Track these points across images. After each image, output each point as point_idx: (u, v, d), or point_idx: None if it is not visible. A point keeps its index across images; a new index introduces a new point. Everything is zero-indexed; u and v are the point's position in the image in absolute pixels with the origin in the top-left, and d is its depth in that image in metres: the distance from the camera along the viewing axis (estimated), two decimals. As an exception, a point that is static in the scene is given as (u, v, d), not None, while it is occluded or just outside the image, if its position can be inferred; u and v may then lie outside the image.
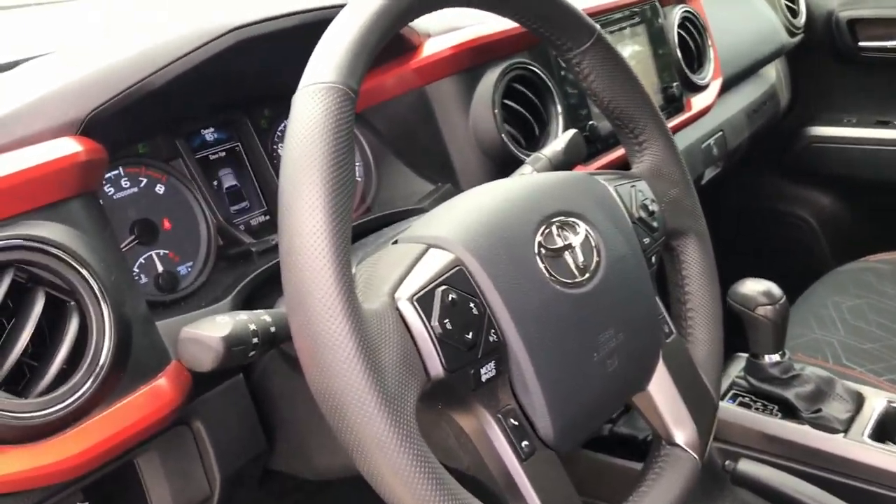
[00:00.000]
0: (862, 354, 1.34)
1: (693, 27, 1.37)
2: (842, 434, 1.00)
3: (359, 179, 1.03)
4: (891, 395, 1.08)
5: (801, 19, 1.80)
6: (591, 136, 1.10)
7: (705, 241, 0.85)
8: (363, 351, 0.47)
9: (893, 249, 1.63)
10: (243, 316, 0.55)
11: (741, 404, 1.08)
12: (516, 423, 0.58)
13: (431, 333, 0.54)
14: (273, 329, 0.55)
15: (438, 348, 0.54)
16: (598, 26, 0.79)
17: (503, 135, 0.98)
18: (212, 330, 0.53)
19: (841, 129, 1.91)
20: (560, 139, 0.91)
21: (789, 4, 1.77)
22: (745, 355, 1.11)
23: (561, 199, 0.69)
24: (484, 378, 0.57)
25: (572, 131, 0.92)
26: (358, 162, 1.04)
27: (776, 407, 1.06)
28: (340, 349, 0.47)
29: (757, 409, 1.07)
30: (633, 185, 0.80)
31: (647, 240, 0.77)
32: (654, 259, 0.79)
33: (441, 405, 0.58)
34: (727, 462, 1.03)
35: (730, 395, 1.09)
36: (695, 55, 1.37)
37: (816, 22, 1.86)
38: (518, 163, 0.96)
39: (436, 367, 0.54)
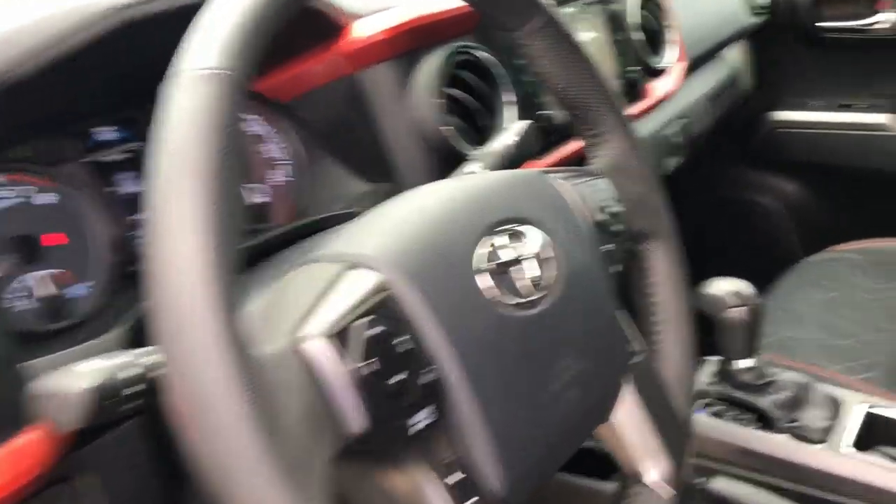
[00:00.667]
0: (836, 353, 1.28)
1: (654, 9, 1.29)
2: (821, 445, 0.94)
3: (290, 180, 0.93)
4: (869, 399, 1.01)
5: (766, -1, 1.73)
6: (547, 127, 1.01)
7: (674, 244, 0.76)
8: (253, 409, 0.37)
9: (862, 237, 1.57)
10: (117, 359, 0.44)
11: (714, 414, 1.00)
12: (459, 477, 0.48)
13: (350, 378, 0.44)
14: (153, 375, 0.45)
15: (360, 396, 0.44)
16: (548, 2, 0.69)
17: (446, 127, 0.88)
18: (70, 382, 0.42)
19: (805, 113, 1.84)
20: (511, 131, 0.82)
21: (752, -17, 1.69)
22: (716, 359, 1.03)
23: (509, 204, 0.59)
24: (418, 427, 0.47)
25: (524, 122, 0.82)
26: (288, 160, 0.93)
27: (751, 416, 0.98)
28: (223, 409, 0.36)
29: (730, 418, 0.99)
30: (592, 184, 0.71)
31: (609, 246, 0.68)
32: (617, 267, 0.70)
33: (364, 464, 0.48)
34: (698, 480, 0.95)
35: (701, 404, 1.02)
36: (655, 38, 1.29)
37: (780, 3, 1.79)
38: (461, 158, 0.87)
39: (356, 419, 0.44)
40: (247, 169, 0.89)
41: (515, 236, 0.57)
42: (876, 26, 1.73)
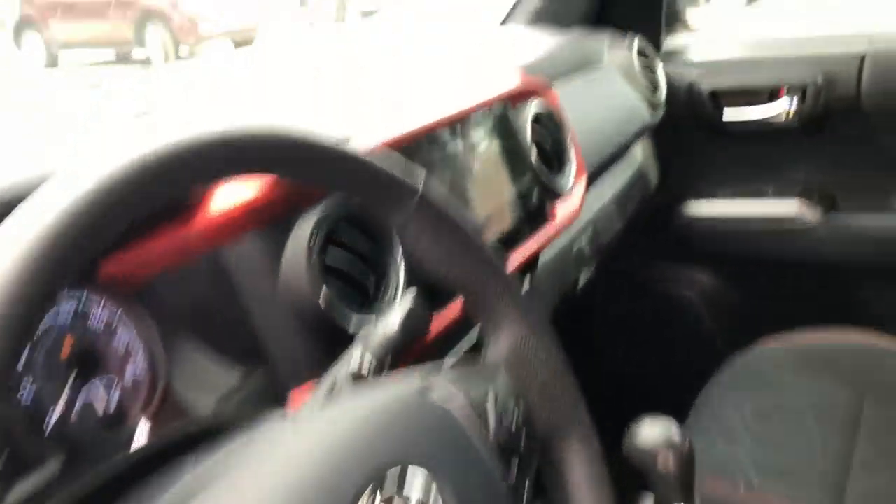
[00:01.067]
0: (774, 471, 1.21)
1: (550, 123, 1.21)
2: None
3: (147, 372, 0.79)
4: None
5: (662, 94, 1.68)
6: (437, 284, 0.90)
7: (590, 440, 0.66)
8: None
9: (786, 329, 1.51)
10: None
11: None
12: None
13: None
14: None
15: None
16: (420, 184, 0.60)
17: (324, 299, 0.77)
18: None
19: (714, 205, 1.80)
20: (396, 311, 0.71)
21: (648, 80, 1.65)
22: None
23: (385, 449, 0.49)
24: None
25: (410, 298, 0.71)
26: (144, 350, 0.79)
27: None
28: None
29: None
30: (490, 386, 0.61)
31: (515, 467, 0.58)
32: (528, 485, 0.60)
33: None
34: None
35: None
36: (553, 156, 1.21)
37: (678, 95, 1.75)
38: (345, 335, 0.75)
39: None
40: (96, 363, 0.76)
41: (403, 488, 0.46)
42: (777, 115, 1.71)
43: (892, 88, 1.63)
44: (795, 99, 1.68)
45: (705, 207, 1.81)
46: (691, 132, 1.82)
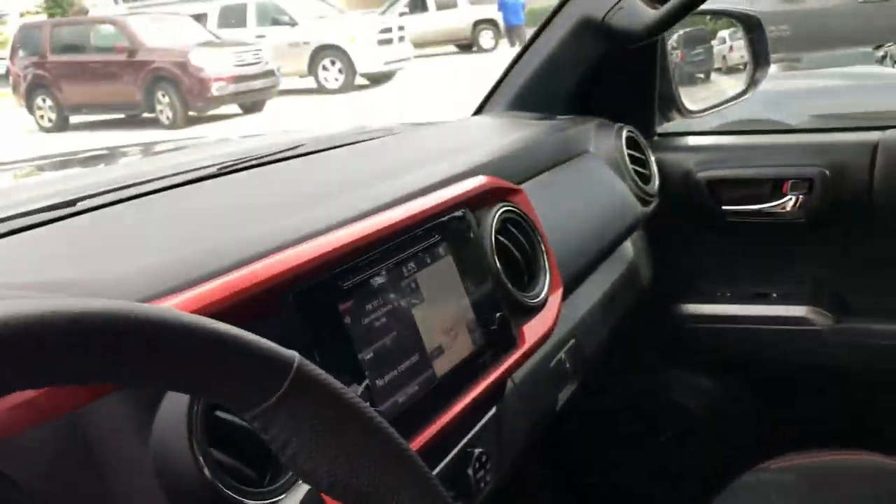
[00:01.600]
0: None
1: (518, 230, 1.06)
2: None
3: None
4: None
5: (654, 185, 1.54)
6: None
7: None
8: None
9: (793, 449, 1.33)
10: None
11: None
12: None
13: None
14: None
15: None
16: (295, 353, 0.45)
17: (211, 474, 0.61)
18: None
19: (715, 306, 1.64)
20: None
21: (638, 169, 1.50)
22: None
23: None
24: None
25: (302, 491, 0.56)
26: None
27: None
28: None
29: None
30: None
31: None
32: None
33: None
34: None
35: None
36: (523, 266, 1.05)
37: (672, 185, 1.61)
38: None
39: None
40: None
41: None
42: (783, 208, 1.56)
43: None
44: (801, 192, 1.53)
45: (704, 308, 1.64)
46: (688, 225, 1.67)
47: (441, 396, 0.85)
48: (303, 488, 0.62)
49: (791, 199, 1.54)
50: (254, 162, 1.19)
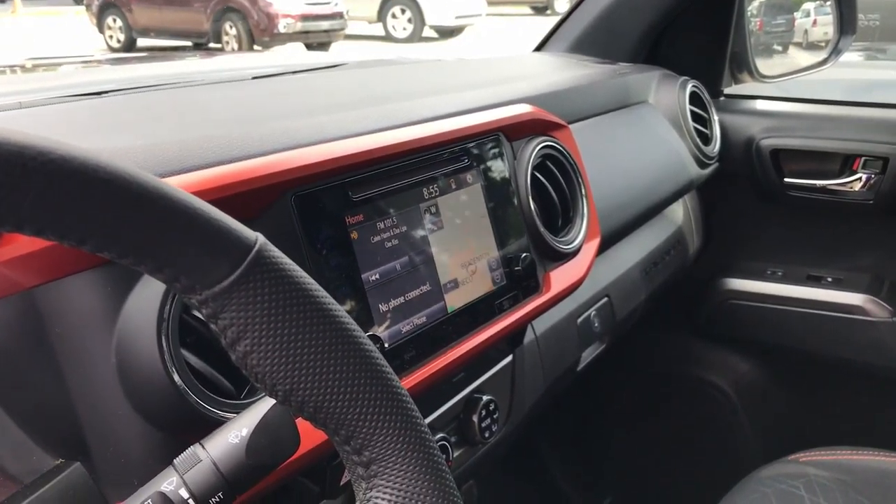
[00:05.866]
0: None
1: (559, 169, 0.98)
2: None
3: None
4: None
5: (715, 147, 1.43)
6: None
7: None
8: None
9: (827, 443, 1.25)
10: None
11: None
12: None
13: None
14: None
15: None
16: (258, 234, 0.38)
17: (179, 376, 0.55)
18: None
19: (764, 283, 1.53)
20: (239, 420, 0.48)
21: (699, 128, 1.40)
22: None
23: None
24: None
25: (266, 404, 0.49)
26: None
27: None
28: None
29: None
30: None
31: None
32: None
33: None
34: None
35: None
36: (559, 209, 0.97)
37: (734, 150, 1.50)
38: (205, 422, 0.54)
39: None
40: None
41: None
42: (851, 187, 1.44)
43: None
44: (874, 171, 1.41)
45: (751, 285, 1.54)
46: (745, 194, 1.56)
47: (451, 332, 0.78)
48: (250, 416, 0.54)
49: (861, 177, 1.42)
50: (291, 70, 1.13)
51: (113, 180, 0.34)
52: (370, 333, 0.69)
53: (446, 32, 14.55)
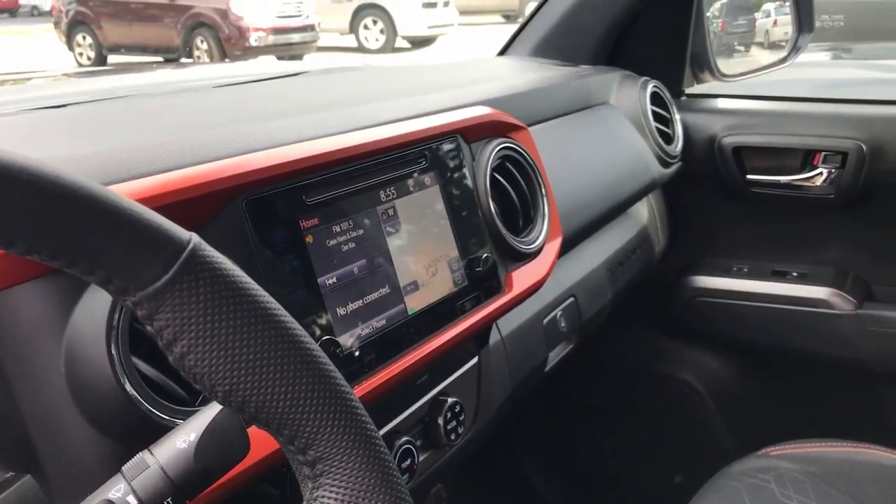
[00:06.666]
0: None
1: (518, 170, 0.98)
2: None
3: None
4: None
5: (677, 146, 1.45)
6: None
7: None
8: None
9: (798, 436, 1.26)
10: None
11: None
12: None
13: None
14: None
15: None
16: (192, 234, 0.38)
17: (130, 385, 0.55)
18: None
19: (730, 280, 1.54)
20: (188, 425, 0.48)
21: (661, 128, 1.41)
22: None
23: None
24: None
25: (216, 408, 0.49)
26: None
27: None
28: None
29: None
30: None
31: None
32: None
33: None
34: None
35: None
36: (520, 209, 0.98)
37: (696, 149, 1.51)
38: (158, 430, 0.52)
39: None
40: None
41: None
42: (813, 182, 1.46)
43: None
44: (833, 166, 1.43)
45: (718, 282, 1.55)
46: (709, 192, 1.57)
47: (411, 334, 0.78)
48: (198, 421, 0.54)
49: (822, 172, 1.44)
50: (252, 79, 1.13)
51: (38, 181, 0.34)
52: (328, 337, 0.69)
53: (419, 42, 14.59)
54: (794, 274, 1.51)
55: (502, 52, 1.53)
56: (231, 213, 0.64)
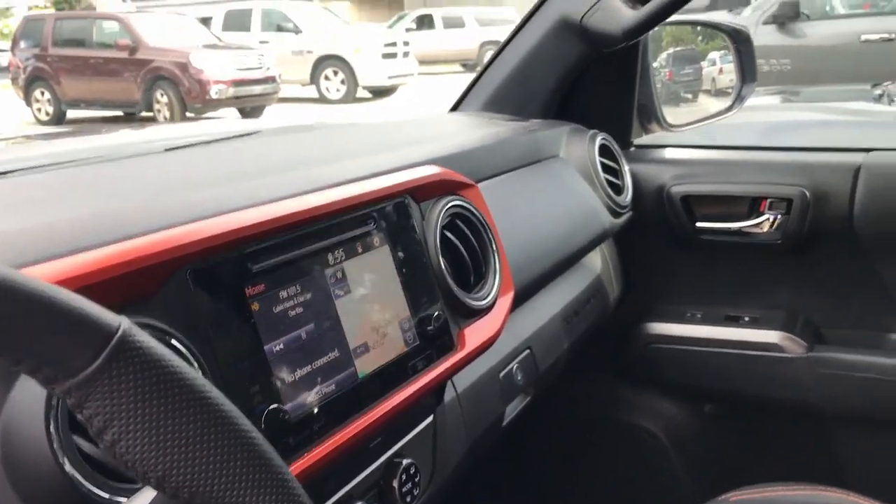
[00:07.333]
0: None
1: (469, 227, 0.99)
2: None
3: None
4: None
5: (627, 196, 1.47)
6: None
7: None
8: None
9: (757, 480, 1.26)
10: None
11: None
12: None
13: None
14: None
15: None
16: (122, 319, 0.38)
17: (70, 464, 0.54)
18: None
19: (684, 326, 1.56)
20: None
21: (610, 179, 1.44)
22: None
23: None
24: None
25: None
26: None
27: None
28: None
29: None
30: None
31: None
32: None
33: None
34: None
35: None
36: (470, 266, 0.99)
37: (646, 198, 1.54)
38: None
39: None
40: None
41: None
42: (760, 228, 1.49)
43: (889, 207, 1.42)
44: (779, 212, 1.47)
45: (673, 328, 1.57)
46: (660, 241, 1.60)
47: (362, 398, 0.78)
48: None
49: (768, 218, 1.48)
50: (204, 140, 1.13)
51: None
52: (275, 406, 0.68)
53: (380, 92, 14.75)
54: (746, 318, 1.54)
55: (455, 108, 1.56)
56: (176, 283, 0.64)
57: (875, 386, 1.43)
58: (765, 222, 1.49)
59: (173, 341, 0.62)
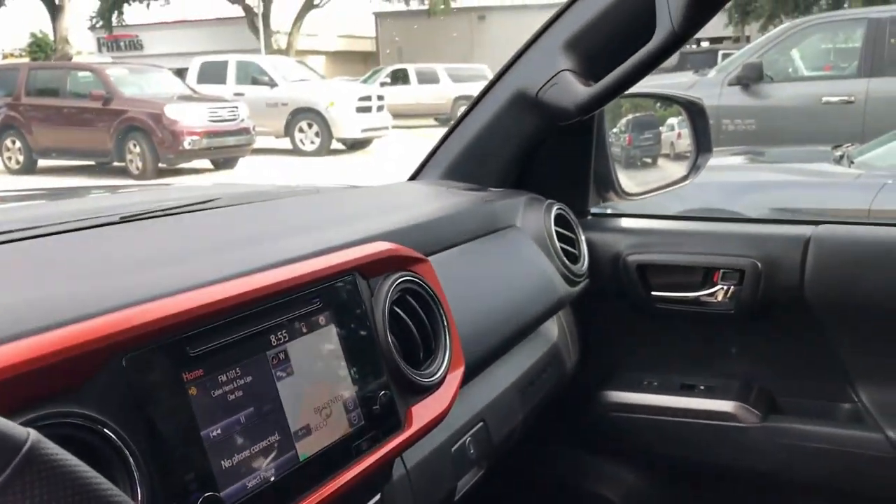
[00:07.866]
0: None
1: (419, 302, 1.00)
2: None
3: None
4: None
5: (583, 265, 1.49)
6: None
7: None
8: None
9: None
10: None
11: None
12: None
13: None
14: None
15: None
16: (30, 432, 0.38)
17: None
18: None
19: (641, 394, 1.57)
20: None
21: (566, 248, 1.45)
22: None
23: None
24: None
25: None
26: None
27: None
28: None
29: None
30: None
31: None
32: None
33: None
34: None
35: None
36: (420, 342, 0.99)
37: (602, 267, 1.56)
38: None
39: None
40: None
41: None
42: (714, 298, 1.51)
43: (838, 277, 1.44)
44: (732, 283, 1.49)
45: (630, 397, 1.58)
46: (616, 309, 1.61)
47: (303, 481, 0.77)
48: None
49: (722, 288, 1.50)
50: (158, 212, 1.13)
51: None
52: (210, 493, 0.68)
53: (354, 145, 14.86)
54: (702, 387, 1.55)
55: (414, 176, 1.57)
56: (111, 369, 0.63)
57: (827, 455, 1.44)
58: (718, 292, 1.51)
59: (106, 430, 0.62)
